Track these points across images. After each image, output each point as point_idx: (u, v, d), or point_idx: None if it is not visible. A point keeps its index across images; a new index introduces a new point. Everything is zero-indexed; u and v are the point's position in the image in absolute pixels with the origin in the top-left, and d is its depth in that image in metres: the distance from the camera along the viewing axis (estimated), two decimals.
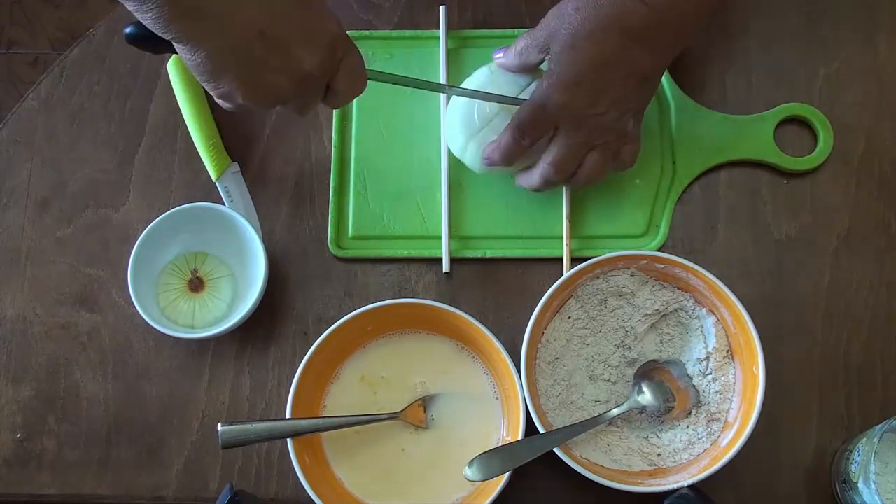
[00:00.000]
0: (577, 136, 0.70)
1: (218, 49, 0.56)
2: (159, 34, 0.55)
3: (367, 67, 0.64)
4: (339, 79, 0.62)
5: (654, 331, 0.75)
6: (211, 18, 0.54)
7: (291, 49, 0.57)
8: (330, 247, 0.79)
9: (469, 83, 0.75)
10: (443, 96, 0.80)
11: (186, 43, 0.56)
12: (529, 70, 0.73)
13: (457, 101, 0.75)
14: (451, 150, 0.77)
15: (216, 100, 0.61)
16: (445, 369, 0.75)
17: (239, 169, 0.81)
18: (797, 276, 0.77)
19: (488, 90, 0.73)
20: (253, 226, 0.75)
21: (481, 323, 0.70)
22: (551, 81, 0.68)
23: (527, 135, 0.70)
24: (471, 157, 0.75)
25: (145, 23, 0.55)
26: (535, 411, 0.68)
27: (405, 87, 0.73)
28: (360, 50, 0.63)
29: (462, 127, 0.74)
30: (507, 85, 0.74)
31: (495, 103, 0.73)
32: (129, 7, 0.54)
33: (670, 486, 0.66)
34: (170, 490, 0.74)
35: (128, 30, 0.61)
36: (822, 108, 0.80)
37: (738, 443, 0.66)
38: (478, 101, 0.73)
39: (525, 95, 0.74)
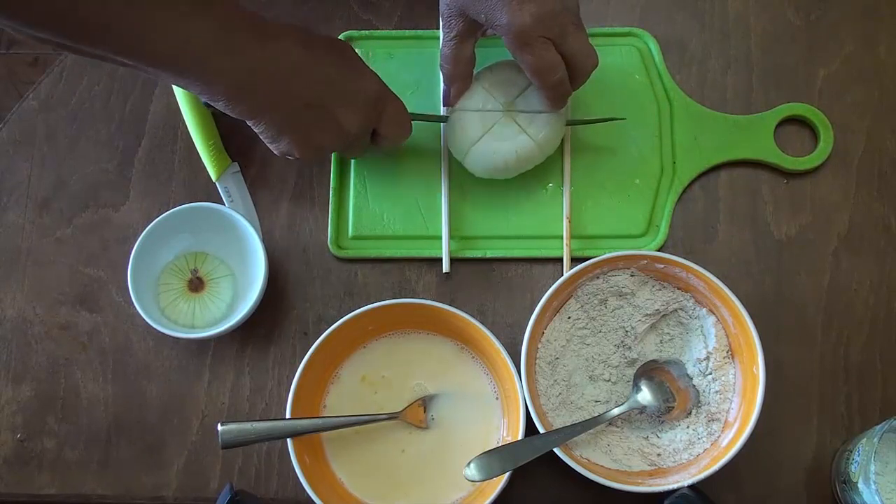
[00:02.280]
0: (563, 31, 0.69)
1: (273, 120, 0.65)
2: (229, 114, 0.65)
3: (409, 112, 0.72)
4: (382, 128, 0.71)
5: (654, 331, 0.75)
6: (265, 98, 0.64)
7: (335, 113, 0.66)
8: (330, 247, 0.79)
9: (469, 98, 0.75)
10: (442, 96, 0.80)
11: (250, 118, 0.65)
12: (468, 71, 0.74)
13: (456, 110, 0.75)
14: (453, 154, 0.77)
15: (279, 155, 0.70)
16: (445, 369, 0.75)
17: (239, 169, 0.81)
18: (797, 276, 0.77)
19: (487, 97, 0.74)
20: (253, 226, 0.75)
21: (481, 323, 0.70)
22: (504, 18, 0.67)
23: (550, 65, 0.69)
24: (471, 161, 0.75)
25: (217, 108, 0.64)
26: (535, 411, 0.68)
27: (407, 88, 0.73)
28: (360, 50, 0.64)
29: (462, 132, 0.74)
30: (506, 87, 0.74)
31: (496, 112, 0.74)
32: (202, 98, 0.64)
33: (670, 486, 0.66)
34: (170, 490, 0.74)
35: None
36: (822, 108, 0.80)
37: (738, 443, 0.66)
38: (476, 106, 0.74)
39: (524, 96, 0.74)
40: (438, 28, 0.82)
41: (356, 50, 0.70)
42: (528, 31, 0.67)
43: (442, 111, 0.80)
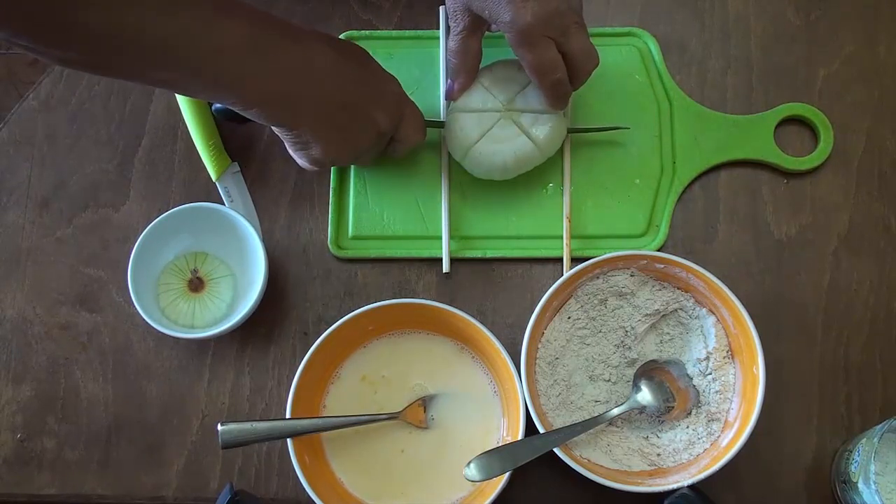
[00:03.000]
0: (566, 30, 0.69)
1: (310, 126, 0.65)
2: (263, 122, 0.64)
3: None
4: (402, 131, 0.72)
5: (654, 331, 0.75)
6: (302, 105, 0.64)
7: (369, 111, 0.67)
8: (330, 247, 0.79)
9: (469, 96, 0.75)
10: (442, 100, 0.80)
11: (287, 124, 0.65)
12: (475, 65, 0.74)
13: (454, 108, 0.75)
14: (452, 155, 0.77)
15: (301, 166, 0.70)
16: (445, 369, 0.75)
17: (239, 169, 0.81)
18: (797, 276, 0.77)
19: (487, 96, 0.74)
20: (253, 226, 0.75)
21: (481, 323, 0.70)
22: (507, 16, 0.67)
23: (550, 64, 0.69)
24: (470, 162, 0.75)
25: (250, 118, 0.64)
26: (535, 411, 0.68)
27: (407, 88, 0.73)
28: None
29: (462, 134, 0.74)
30: (506, 85, 0.74)
31: (495, 112, 0.74)
32: (236, 108, 0.63)
33: (670, 486, 0.66)
34: (170, 490, 0.74)
35: (216, 107, 0.71)
36: (822, 108, 0.80)
37: (738, 443, 0.66)
38: (475, 108, 0.74)
39: (524, 94, 0.74)
40: (438, 28, 0.83)
41: None
42: (530, 29, 0.67)
43: (442, 108, 0.80)
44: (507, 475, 0.66)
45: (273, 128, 0.67)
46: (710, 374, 0.72)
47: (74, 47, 0.54)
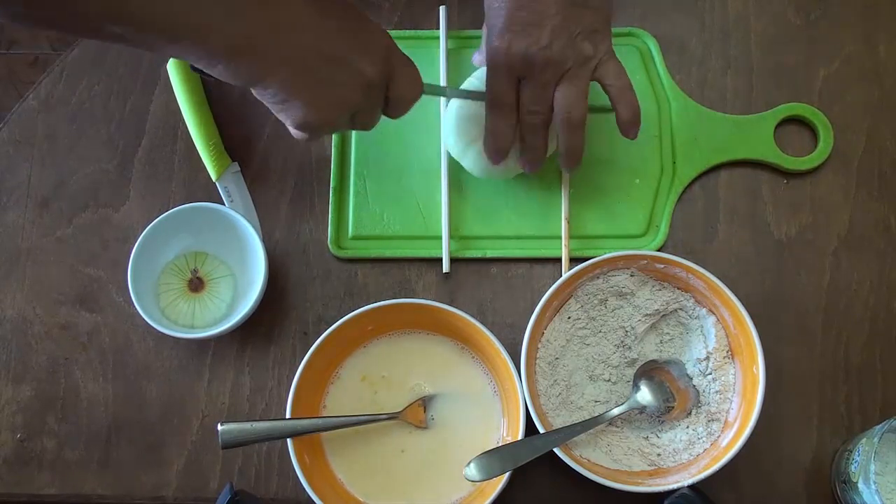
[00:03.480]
0: (537, 79, 0.68)
1: (284, 80, 0.58)
2: (231, 82, 0.58)
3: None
4: (395, 86, 0.64)
5: (654, 331, 0.75)
6: (272, 56, 0.57)
7: (352, 62, 0.60)
8: (330, 247, 0.79)
9: (470, 84, 0.75)
10: (442, 100, 0.80)
11: (256, 81, 0.58)
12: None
13: (453, 107, 0.75)
14: (451, 154, 0.77)
15: (293, 134, 0.63)
16: (445, 369, 0.75)
17: (239, 169, 0.81)
18: (797, 276, 0.77)
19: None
20: (253, 226, 0.75)
21: (481, 323, 0.70)
22: (490, 39, 0.68)
23: (499, 100, 0.69)
24: (470, 161, 0.75)
25: (216, 76, 0.57)
26: (535, 411, 0.68)
27: None
28: None
29: (461, 133, 0.74)
30: None
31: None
32: (199, 65, 0.57)
33: (670, 486, 0.66)
34: (170, 490, 0.74)
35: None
36: (822, 108, 0.80)
37: (738, 443, 0.66)
38: (474, 108, 0.74)
39: None
40: (438, 27, 0.83)
41: None
42: (498, 60, 0.68)
43: (442, 108, 0.80)
44: (507, 475, 0.66)
45: (253, 91, 0.61)
46: (710, 374, 0.72)
47: (31, 4, 0.50)
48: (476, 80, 0.75)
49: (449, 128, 0.75)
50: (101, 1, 0.51)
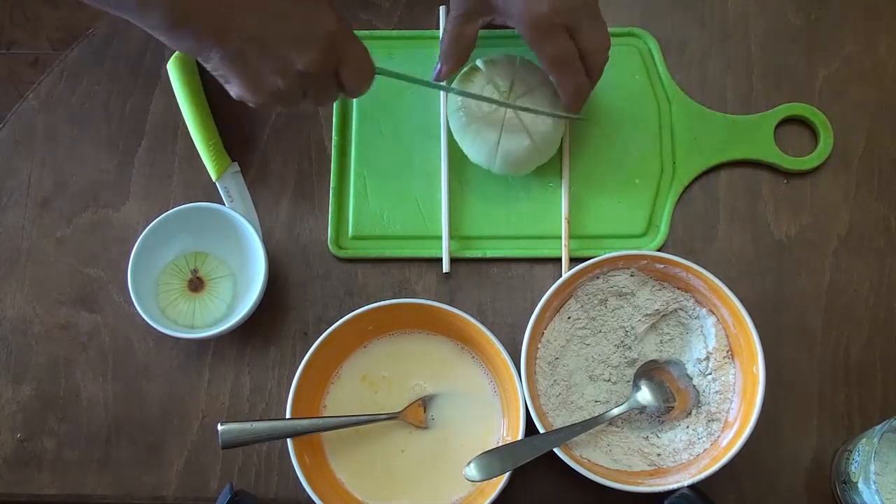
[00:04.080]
0: (589, 20, 0.69)
1: (221, 57, 0.60)
2: (175, 49, 0.61)
3: (375, 64, 0.66)
4: (344, 71, 0.64)
5: (654, 331, 0.75)
6: (211, 31, 0.59)
7: (283, 52, 0.61)
8: (330, 247, 0.79)
9: (473, 84, 0.75)
10: (442, 98, 0.80)
11: (195, 53, 0.61)
12: (465, 52, 0.73)
13: (459, 95, 0.75)
14: (454, 135, 0.76)
15: (235, 98, 0.65)
16: (445, 369, 0.75)
17: (239, 169, 0.81)
18: (797, 276, 0.77)
19: (492, 88, 0.74)
20: (253, 226, 0.75)
21: (481, 323, 0.70)
22: (521, 9, 0.67)
23: (565, 57, 0.69)
24: (471, 147, 0.75)
25: (162, 41, 0.60)
26: (535, 411, 0.68)
27: (406, 88, 0.73)
28: None
29: (463, 116, 0.74)
30: (510, 81, 0.75)
31: (497, 105, 0.74)
32: (147, 30, 0.59)
33: (670, 486, 0.66)
34: (170, 490, 0.74)
35: None
36: (822, 108, 0.80)
37: (738, 443, 0.66)
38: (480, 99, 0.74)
39: (531, 94, 0.74)
40: (438, 27, 0.83)
41: None
42: (545, 20, 0.66)
43: (442, 108, 0.80)
44: (507, 475, 0.66)
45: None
46: (710, 374, 0.72)
47: None
48: (482, 73, 0.75)
49: (453, 108, 0.75)
50: None
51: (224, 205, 0.79)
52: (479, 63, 0.76)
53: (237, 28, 0.59)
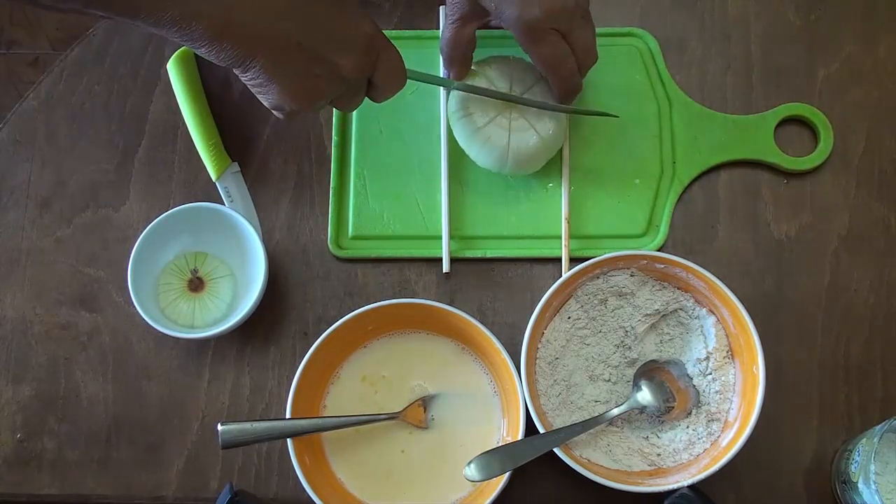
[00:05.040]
0: (579, 23, 0.70)
1: (264, 65, 0.59)
2: (214, 61, 0.59)
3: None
4: (378, 75, 0.65)
5: (654, 331, 0.75)
6: (254, 40, 0.58)
7: (329, 55, 0.61)
8: (330, 247, 0.79)
9: (475, 85, 0.75)
10: (442, 97, 0.80)
11: (237, 63, 0.59)
12: (468, 55, 0.74)
13: (462, 96, 0.75)
14: (457, 139, 0.76)
15: (270, 109, 0.64)
16: (445, 369, 0.75)
17: (239, 169, 0.81)
18: (797, 276, 0.77)
19: (493, 87, 0.75)
20: (253, 226, 0.75)
21: (481, 323, 0.70)
22: (513, 14, 0.68)
23: (560, 59, 0.70)
24: (476, 149, 0.75)
25: (199, 54, 0.59)
26: (535, 411, 0.68)
27: (407, 87, 0.73)
28: None
29: (469, 121, 0.74)
30: (512, 80, 0.75)
31: (500, 104, 0.74)
32: (183, 45, 0.58)
33: (670, 486, 0.66)
34: (170, 490, 0.74)
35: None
36: (822, 108, 0.80)
37: (738, 443, 0.66)
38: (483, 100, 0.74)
39: (532, 92, 0.74)
40: (438, 27, 0.83)
41: None
42: (538, 24, 0.67)
43: (442, 108, 0.80)
44: (507, 475, 0.66)
45: (236, 72, 0.62)
46: (710, 374, 0.72)
47: None
48: (481, 72, 0.75)
49: (455, 112, 0.75)
50: None
51: (224, 205, 0.79)
52: (474, 66, 0.76)
53: (280, 35, 0.59)
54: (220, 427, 0.67)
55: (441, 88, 0.80)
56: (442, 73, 0.76)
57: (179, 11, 0.55)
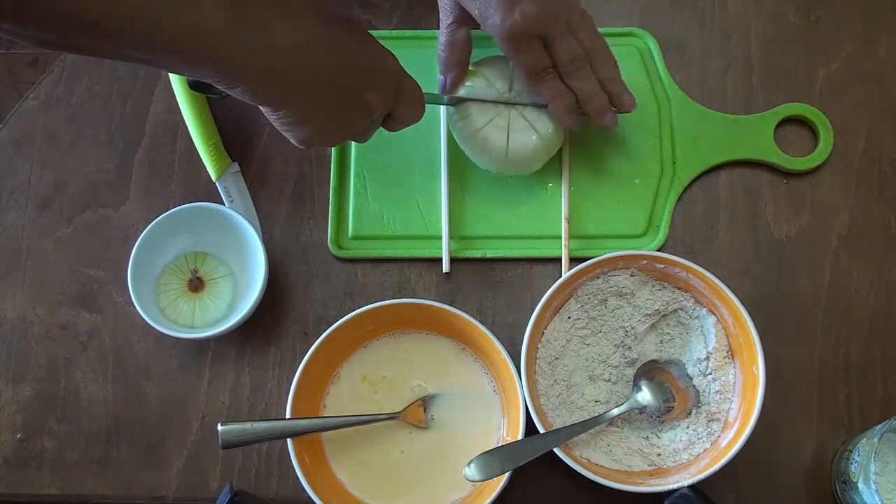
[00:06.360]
0: (561, 29, 0.70)
1: (298, 105, 0.61)
2: (247, 101, 0.59)
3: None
4: (399, 109, 0.67)
5: (654, 331, 0.75)
6: (289, 85, 0.59)
7: (359, 92, 0.62)
8: (330, 247, 0.79)
9: (474, 86, 0.75)
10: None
11: (272, 104, 0.60)
12: (465, 57, 0.74)
13: (461, 99, 0.75)
14: (457, 141, 0.76)
15: (296, 144, 0.65)
16: (445, 369, 0.75)
17: (239, 169, 0.81)
18: (797, 276, 0.77)
19: (492, 88, 0.75)
20: (253, 226, 0.75)
21: (481, 323, 0.70)
22: (495, 20, 0.68)
23: (539, 66, 0.70)
24: (477, 150, 0.75)
25: (232, 94, 0.58)
26: (535, 411, 0.68)
27: None
28: None
29: (468, 123, 0.74)
30: (510, 79, 0.75)
31: (499, 104, 0.74)
32: (218, 86, 0.58)
33: (670, 486, 0.66)
34: (170, 490, 0.74)
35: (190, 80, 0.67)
36: (822, 108, 0.80)
37: (738, 443, 0.66)
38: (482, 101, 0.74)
39: (531, 91, 0.74)
40: (439, 27, 0.82)
41: None
42: (518, 31, 0.68)
43: (442, 107, 0.80)
44: (507, 475, 0.66)
45: (262, 110, 0.64)
46: (710, 374, 0.72)
47: (49, 28, 0.51)
48: (480, 72, 0.75)
49: (455, 115, 0.75)
50: (125, 30, 0.52)
51: (224, 205, 0.79)
52: (472, 67, 0.76)
53: (318, 75, 0.60)
54: (220, 427, 0.67)
55: (440, 88, 0.80)
56: (439, 77, 0.76)
57: (218, 54, 0.55)
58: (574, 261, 0.75)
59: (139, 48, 0.54)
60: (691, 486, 0.66)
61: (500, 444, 0.71)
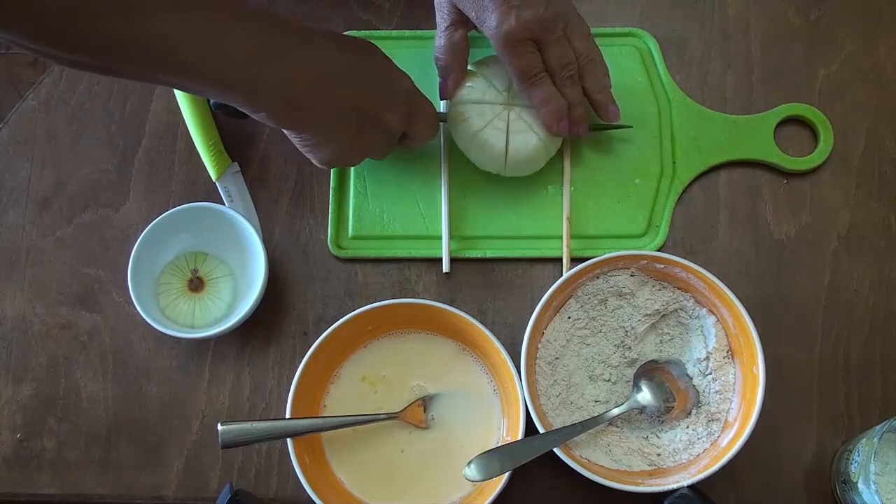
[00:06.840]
0: (555, 36, 0.70)
1: (321, 128, 0.65)
2: (270, 125, 0.64)
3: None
4: (414, 127, 0.70)
5: (654, 331, 0.75)
6: (312, 109, 0.63)
7: (379, 114, 0.66)
8: (330, 247, 0.79)
9: (473, 88, 0.75)
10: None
11: (297, 129, 0.64)
12: (463, 60, 0.75)
13: (459, 101, 0.75)
14: (457, 143, 0.76)
15: (317, 164, 0.69)
16: (445, 369, 0.75)
17: (239, 169, 0.81)
18: (797, 276, 0.77)
19: (491, 89, 0.75)
20: (253, 226, 0.75)
21: (481, 323, 0.70)
22: (492, 24, 0.69)
23: (533, 71, 0.71)
24: (477, 151, 0.75)
25: (257, 118, 0.62)
26: (535, 411, 0.68)
27: None
28: None
29: (468, 125, 0.74)
30: (508, 79, 0.75)
31: (498, 105, 0.74)
32: (243, 110, 0.61)
33: (670, 486, 0.66)
34: (170, 490, 0.74)
35: (214, 103, 0.71)
36: (822, 108, 0.80)
37: (738, 443, 0.66)
38: (481, 103, 0.74)
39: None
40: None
41: None
42: (514, 34, 0.68)
43: (442, 107, 0.80)
44: (507, 475, 0.66)
45: (286, 132, 0.66)
46: (710, 374, 0.72)
47: (84, 53, 0.54)
48: (480, 73, 0.75)
49: (455, 117, 0.75)
50: (159, 58, 0.55)
51: (224, 205, 0.79)
52: (472, 67, 0.76)
53: (339, 100, 0.63)
54: (220, 427, 0.67)
55: (440, 91, 0.80)
56: (439, 81, 0.76)
57: (245, 83, 0.58)
58: (574, 261, 0.75)
59: (174, 75, 0.57)
60: (691, 486, 0.66)
61: (500, 444, 0.71)
